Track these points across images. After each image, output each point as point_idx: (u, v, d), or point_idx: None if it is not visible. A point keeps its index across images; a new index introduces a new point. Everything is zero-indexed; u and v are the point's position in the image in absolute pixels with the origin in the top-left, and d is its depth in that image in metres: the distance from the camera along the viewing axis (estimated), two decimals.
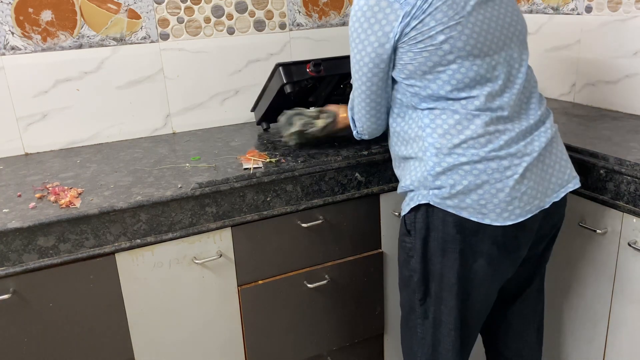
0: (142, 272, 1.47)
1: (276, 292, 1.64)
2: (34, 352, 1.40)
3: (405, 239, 1.38)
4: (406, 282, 1.42)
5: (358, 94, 1.37)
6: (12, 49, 1.74)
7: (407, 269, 1.40)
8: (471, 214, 1.26)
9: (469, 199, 1.25)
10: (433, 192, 1.28)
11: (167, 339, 1.55)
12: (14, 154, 1.82)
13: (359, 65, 1.32)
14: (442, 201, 1.27)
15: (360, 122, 1.43)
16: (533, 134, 1.30)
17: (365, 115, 1.40)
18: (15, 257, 1.32)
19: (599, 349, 1.59)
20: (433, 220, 1.30)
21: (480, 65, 1.24)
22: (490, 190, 1.24)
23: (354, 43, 1.30)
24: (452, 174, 1.25)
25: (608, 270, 1.51)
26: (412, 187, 1.33)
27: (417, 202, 1.31)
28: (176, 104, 1.99)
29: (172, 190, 1.44)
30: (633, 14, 1.79)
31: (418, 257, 1.35)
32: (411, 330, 1.44)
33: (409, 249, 1.37)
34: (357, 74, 1.33)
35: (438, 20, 1.20)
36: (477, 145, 1.24)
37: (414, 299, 1.40)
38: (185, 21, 1.93)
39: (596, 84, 1.96)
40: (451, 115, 1.26)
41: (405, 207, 1.36)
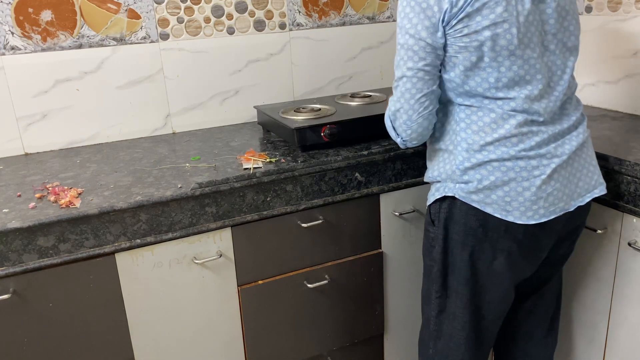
0: (142, 272, 1.47)
1: (276, 292, 1.64)
2: (34, 352, 1.40)
3: (429, 228, 1.40)
4: (427, 272, 1.44)
5: (406, 89, 1.27)
6: (12, 49, 1.74)
7: (429, 258, 1.42)
8: (495, 210, 1.27)
9: (495, 195, 1.26)
10: (460, 185, 1.29)
11: (167, 339, 1.55)
12: (14, 154, 1.82)
13: (407, 56, 1.25)
14: (467, 195, 1.29)
15: (407, 125, 1.31)
16: (564, 137, 1.30)
17: (414, 115, 1.29)
18: (15, 257, 1.32)
19: (599, 349, 1.59)
20: (457, 213, 1.32)
21: (521, 66, 1.23)
22: (516, 188, 1.25)
23: (404, 30, 1.24)
24: (480, 169, 1.27)
25: (608, 270, 1.51)
26: (439, 179, 1.35)
27: (442, 193, 1.33)
28: (176, 104, 1.98)
29: (172, 190, 1.44)
30: (633, 14, 1.79)
31: (440, 248, 1.36)
32: (425, 322, 1.46)
33: (432, 239, 1.39)
34: (406, 65, 1.25)
35: (485, 15, 1.19)
36: (508, 144, 1.25)
37: (432, 290, 1.41)
38: (185, 21, 1.93)
39: (596, 84, 1.96)
40: (487, 113, 1.26)
41: (431, 197, 1.38)
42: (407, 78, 1.26)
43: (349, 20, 2.18)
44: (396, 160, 1.68)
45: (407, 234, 1.78)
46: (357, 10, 2.18)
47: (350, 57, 2.20)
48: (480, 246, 1.31)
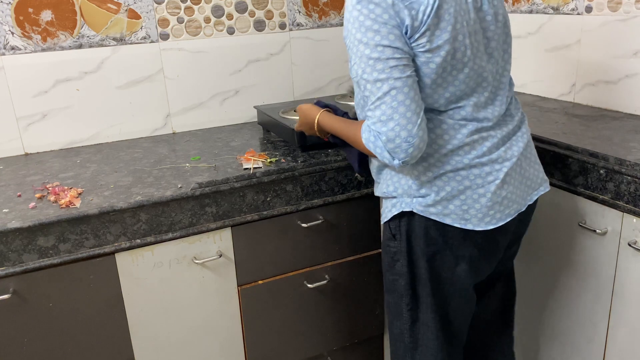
0: (142, 272, 1.47)
1: (276, 292, 1.64)
2: (34, 352, 1.40)
3: (390, 244, 1.36)
4: (391, 287, 1.40)
5: (399, 102, 1.14)
6: (12, 49, 1.74)
7: (391, 273, 1.38)
8: (454, 220, 1.26)
9: (452, 205, 1.25)
10: (417, 200, 1.26)
11: (167, 338, 1.55)
12: (14, 154, 1.82)
13: (390, 67, 1.13)
14: (425, 209, 1.26)
15: (409, 142, 1.15)
16: (511, 139, 1.30)
17: (414, 129, 1.14)
18: (15, 257, 1.32)
19: (599, 349, 1.59)
20: (417, 226, 1.29)
21: (472, 77, 1.22)
22: (472, 195, 1.24)
23: (373, 43, 1.13)
24: (435, 182, 1.25)
25: (608, 270, 1.51)
26: (394, 194, 1.31)
27: (399, 209, 1.29)
28: (176, 104, 1.99)
29: (172, 190, 1.44)
30: (633, 14, 1.79)
31: (404, 261, 1.33)
32: (397, 336, 1.43)
33: (393, 253, 1.36)
34: (392, 76, 1.13)
35: (443, 29, 1.15)
36: (461, 153, 1.24)
37: (401, 304, 1.38)
38: (185, 21, 1.93)
39: (596, 84, 1.96)
40: (439, 125, 1.23)
41: (388, 213, 1.34)
42: (397, 89, 1.13)
43: None
44: None
45: None
46: None
47: None
48: (441, 255, 1.30)
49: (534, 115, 1.91)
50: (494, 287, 1.52)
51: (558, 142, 1.59)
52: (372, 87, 1.15)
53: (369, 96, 1.16)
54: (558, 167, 1.59)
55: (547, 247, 1.69)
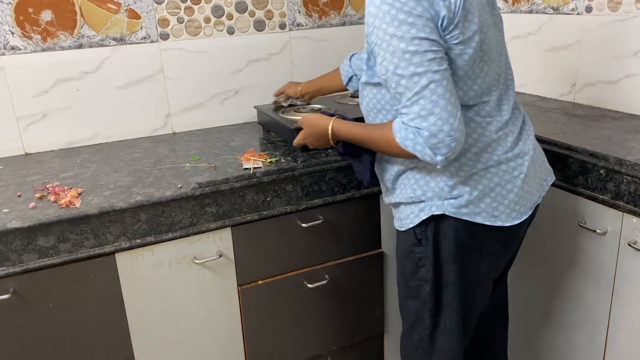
0: (142, 272, 1.47)
1: (276, 292, 1.64)
2: (34, 352, 1.40)
3: (414, 250, 1.32)
4: (414, 293, 1.37)
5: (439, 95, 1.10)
6: (12, 49, 1.74)
7: (415, 279, 1.35)
8: (484, 219, 1.25)
9: (483, 204, 1.25)
10: (449, 202, 1.24)
11: (167, 338, 1.55)
12: (14, 154, 1.82)
13: (428, 60, 1.10)
14: (457, 210, 1.24)
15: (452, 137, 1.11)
16: (524, 132, 1.32)
17: (455, 122, 1.11)
18: (15, 257, 1.32)
19: (599, 349, 1.59)
20: (446, 229, 1.27)
21: (494, 69, 1.23)
22: (501, 192, 1.25)
23: (409, 36, 1.09)
24: (468, 182, 1.23)
25: (608, 270, 1.51)
26: (423, 198, 1.27)
27: (429, 213, 1.26)
28: (176, 104, 1.99)
29: (172, 190, 1.44)
30: (633, 14, 1.79)
31: (430, 267, 1.31)
32: (416, 342, 1.41)
33: (418, 259, 1.33)
34: (431, 69, 1.10)
35: (471, 20, 1.15)
36: (490, 150, 1.24)
37: (424, 309, 1.36)
38: (185, 21, 1.93)
39: (596, 84, 1.96)
40: (467, 123, 1.21)
41: (414, 218, 1.29)
42: (437, 82, 1.10)
43: (349, 20, 2.18)
44: None
45: None
46: (357, 10, 2.18)
47: None
48: (468, 255, 1.29)
49: (534, 115, 1.91)
50: (499, 282, 1.53)
51: (558, 142, 1.59)
52: (408, 82, 1.11)
53: (403, 92, 1.12)
54: (558, 167, 1.59)
55: (547, 247, 1.69)
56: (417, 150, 1.13)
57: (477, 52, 1.18)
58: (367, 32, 1.17)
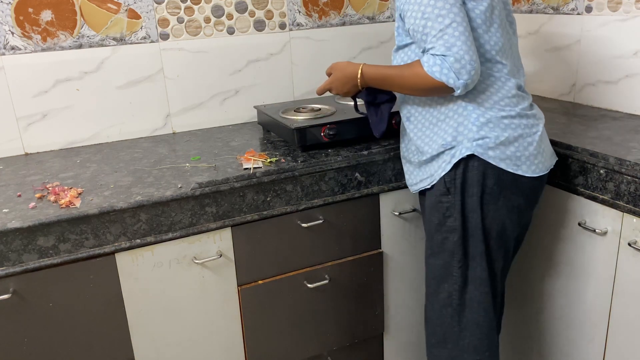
0: (142, 272, 1.47)
1: (276, 292, 1.64)
2: (34, 352, 1.40)
3: (443, 199, 1.40)
4: (440, 247, 1.43)
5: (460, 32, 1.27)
6: (12, 49, 1.74)
7: (441, 231, 1.42)
8: (508, 165, 1.35)
9: (509, 151, 1.35)
10: (477, 142, 1.35)
11: (167, 339, 1.55)
12: (14, 154, 1.82)
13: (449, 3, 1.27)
14: (485, 152, 1.34)
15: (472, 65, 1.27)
16: (534, 106, 1.46)
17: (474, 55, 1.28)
18: (15, 257, 1.32)
19: (599, 349, 1.59)
20: (473, 175, 1.36)
21: (505, 37, 1.37)
22: (523, 143, 1.36)
23: None
24: (494, 127, 1.35)
25: (608, 270, 1.51)
26: (453, 143, 1.37)
27: (460, 155, 1.36)
28: (176, 104, 1.99)
29: (172, 190, 1.44)
30: (633, 14, 1.79)
31: (458, 215, 1.39)
32: (444, 301, 1.45)
33: (446, 209, 1.40)
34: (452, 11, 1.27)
35: None
36: (511, 104, 1.37)
37: (452, 262, 1.42)
38: (185, 21, 1.93)
39: (596, 84, 1.96)
40: (488, 76, 1.36)
41: (446, 166, 1.38)
42: (458, 23, 1.27)
43: (349, 20, 2.18)
44: (396, 160, 1.68)
45: (407, 233, 1.78)
46: (357, 10, 2.18)
47: (351, 57, 2.20)
48: (494, 203, 1.38)
49: None
50: (514, 254, 1.57)
51: (558, 142, 1.59)
52: (434, 23, 1.27)
53: (429, 32, 1.28)
54: (558, 167, 1.59)
55: (547, 247, 1.69)
56: (443, 74, 1.28)
57: (488, 15, 1.33)
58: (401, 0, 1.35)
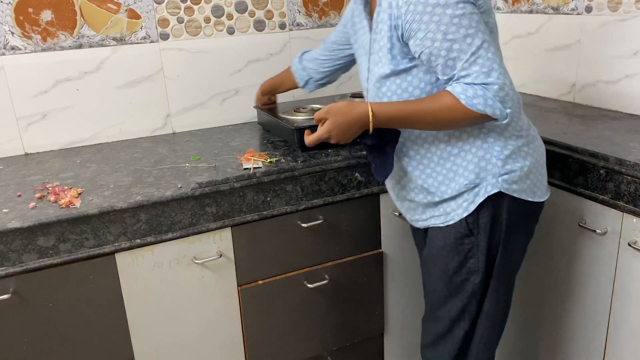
0: (142, 272, 1.47)
1: (276, 292, 1.64)
2: (34, 352, 1.40)
3: (464, 241, 1.28)
4: (460, 288, 1.32)
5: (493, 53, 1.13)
6: (12, 49, 1.74)
7: (461, 273, 1.30)
8: (528, 195, 1.27)
9: (529, 180, 1.26)
10: (503, 178, 1.23)
11: (167, 339, 1.55)
12: (14, 154, 1.82)
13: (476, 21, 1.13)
14: (510, 186, 1.24)
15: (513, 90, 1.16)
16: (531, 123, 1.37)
17: (509, 78, 1.16)
18: (15, 257, 1.32)
19: (599, 349, 1.59)
20: (499, 211, 1.26)
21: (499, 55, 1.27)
22: (538, 167, 1.29)
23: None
24: (517, 158, 1.24)
25: (608, 270, 1.51)
26: (477, 182, 1.24)
27: (485, 194, 1.24)
28: (176, 104, 1.98)
29: (172, 190, 1.44)
30: (633, 14, 1.79)
31: (482, 256, 1.28)
32: (455, 343, 1.36)
33: (467, 250, 1.29)
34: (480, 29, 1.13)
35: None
36: (524, 127, 1.27)
37: (471, 303, 1.32)
38: (185, 21, 1.93)
39: (596, 84, 1.96)
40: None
41: (469, 206, 1.26)
42: (488, 42, 1.13)
43: None
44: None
45: (407, 233, 1.78)
46: None
47: None
48: (517, 236, 1.31)
49: (534, 115, 1.91)
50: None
51: (558, 142, 1.59)
52: (462, 45, 1.11)
53: (457, 57, 1.12)
54: (558, 167, 1.59)
55: (547, 247, 1.69)
56: (489, 105, 1.12)
57: (495, 26, 1.22)
58: (395, 15, 1.17)
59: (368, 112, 1.21)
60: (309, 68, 1.74)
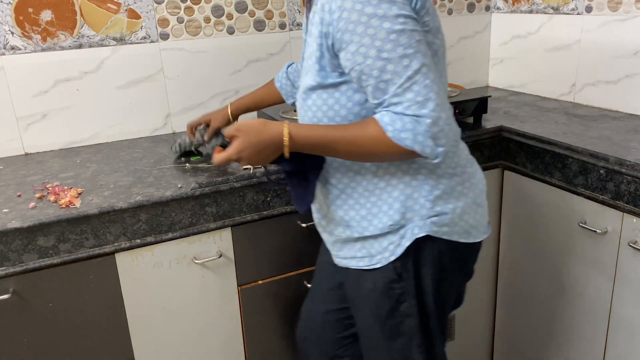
0: (142, 272, 1.47)
1: (276, 292, 1.64)
2: (34, 352, 1.40)
3: (394, 286, 1.15)
4: (395, 331, 1.20)
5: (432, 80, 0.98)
6: (12, 49, 1.74)
7: (395, 316, 1.18)
8: (460, 236, 1.14)
9: (462, 221, 1.14)
10: (432, 220, 1.11)
11: (167, 339, 1.55)
12: (14, 154, 1.82)
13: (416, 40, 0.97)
14: (440, 229, 1.11)
15: (449, 125, 1.01)
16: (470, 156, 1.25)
17: (449, 110, 1.02)
18: (15, 257, 1.32)
19: (599, 349, 1.59)
20: (428, 255, 1.13)
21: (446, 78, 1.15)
22: (474, 207, 1.16)
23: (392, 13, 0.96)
24: (449, 198, 1.11)
25: (608, 270, 1.51)
26: (402, 222, 1.11)
27: (412, 237, 1.11)
28: (176, 103, 1.99)
29: (172, 190, 1.44)
30: (633, 14, 1.79)
31: (413, 300, 1.16)
32: None
33: (398, 295, 1.16)
34: (420, 51, 0.98)
35: (433, 13, 1.07)
36: (460, 164, 1.13)
37: (411, 346, 1.20)
38: (185, 21, 1.93)
39: (596, 84, 1.96)
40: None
41: (396, 249, 1.13)
42: (428, 67, 0.98)
43: None
44: None
45: None
46: None
47: None
48: (452, 278, 1.19)
49: (534, 115, 1.91)
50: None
51: (558, 142, 1.60)
52: (397, 67, 0.96)
53: (390, 79, 0.97)
54: (558, 167, 1.59)
55: (547, 247, 1.69)
56: (418, 141, 0.98)
57: (442, 47, 1.08)
58: (326, 20, 1.01)
59: (282, 134, 1.05)
60: (293, 76, 1.56)
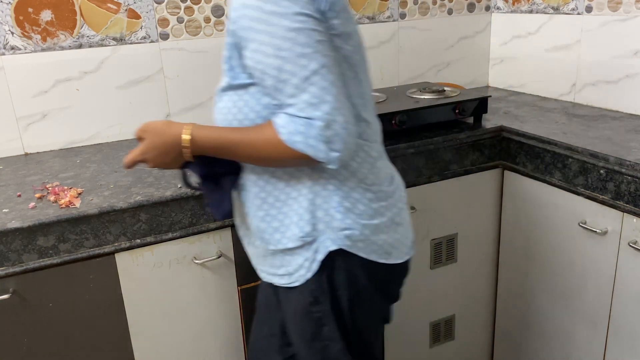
0: (142, 272, 1.47)
1: None
2: (34, 352, 1.40)
3: (312, 309, 1.09)
4: (322, 354, 1.13)
5: (331, 82, 0.94)
6: (12, 49, 1.74)
7: (320, 339, 1.12)
8: (380, 256, 1.08)
9: (380, 240, 1.08)
10: (344, 233, 1.04)
11: (167, 339, 1.55)
12: (14, 154, 1.82)
13: (315, 40, 0.94)
14: (354, 244, 1.05)
15: (346, 129, 0.95)
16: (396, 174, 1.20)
17: (348, 114, 0.96)
18: (15, 257, 1.32)
19: (599, 349, 1.59)
20: (342, 274, 1.07)
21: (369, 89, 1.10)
22: (393, 226, 1.11)
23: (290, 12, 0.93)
24: (361, 214, 1.06)
25: (608, 270, 1.51)
26: (314, 234, 1.05)
27: (325, 250, 1.05)
28: (176, 104, 1.98)
29: (172, 190, 1.44)
30: (633, 14, 1.79)
31: (333, 324, 1.10)
32: None
33: (318, 319, 1.10)
34: (319, 51, 0.94)
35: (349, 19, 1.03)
36: (378, 180, 1.08)
37: None
38: (185, 21, 1.93)
39: (596, 84, 1.96)
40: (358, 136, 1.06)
41: (312, 265, 1.06)
42: (328, 68, 0.93)
43: None
44: (396, 160, 1.68)
45: None
46: (357, 10, 2.18)
47: None
48: (371, 301, 1.13)
49: (534, 115, 1.91)
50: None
51: (558, 142, 1.60)
52: (294, 67, 0.92)
53: (287, 80, 0.93)
54: (558, 167, 1.59)
55: (547, 247, 1.69)
56: (310, 145, 0.93)
57: (356, 58, 1.03)
58: (233, 18, 1.00)
59: (183, 136, 1.03)
60: None
